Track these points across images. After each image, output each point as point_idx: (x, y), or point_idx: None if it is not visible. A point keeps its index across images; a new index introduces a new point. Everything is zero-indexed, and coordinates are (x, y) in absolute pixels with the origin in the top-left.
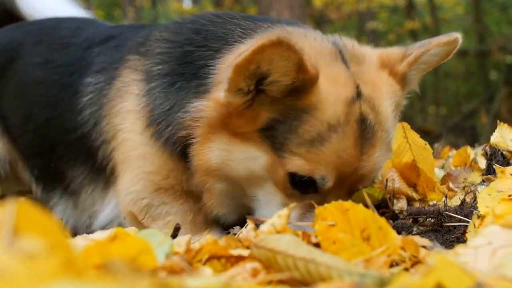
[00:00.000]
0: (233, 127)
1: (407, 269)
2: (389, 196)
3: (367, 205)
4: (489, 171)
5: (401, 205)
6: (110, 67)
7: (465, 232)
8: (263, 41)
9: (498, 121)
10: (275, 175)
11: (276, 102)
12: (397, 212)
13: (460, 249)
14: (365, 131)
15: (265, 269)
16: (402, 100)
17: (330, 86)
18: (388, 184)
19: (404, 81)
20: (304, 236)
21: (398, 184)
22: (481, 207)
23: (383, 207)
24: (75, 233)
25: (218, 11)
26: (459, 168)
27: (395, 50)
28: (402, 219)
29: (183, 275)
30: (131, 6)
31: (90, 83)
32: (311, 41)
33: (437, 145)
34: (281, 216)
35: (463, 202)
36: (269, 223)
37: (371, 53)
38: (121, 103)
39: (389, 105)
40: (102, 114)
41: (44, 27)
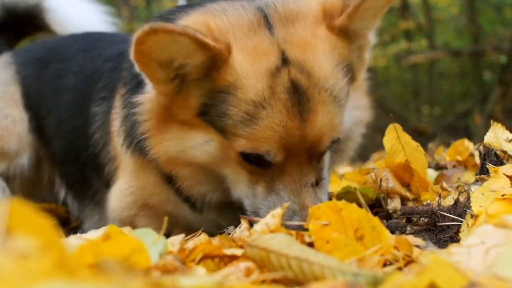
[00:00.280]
0: (176, 116)
1: (400, 269)
2: (383, 195)
3: (360, 205)
4: (483, 170)
5: (394, 204)
6: (110, 95)
7: (458, 231)
8: (139, 33)
9: (491, 121)
10: (230, 155)
11: (199, 85)
12: (390, 211)
13: (453, 248)
14: (299, 98)
15: (258, 268)
16: (351, 52)
17: (246, 60)
18: (382, 183)
19: (346, 34)
20: (297, 235)
21: (391, 184)
22: (475, 207)
23: (377, 206)
24: None
25: None
26: (452, 163)
27: (337, 0)
28: (395, 218)
29: (177, 275)
30: (126, 5)
31: (97, 113)
32: (230, 15)
33: (431, 145)
34: (274, 215)
35: (457, 201)
36: (262, 223)
37: (310, 6)
38: (114, 127)
39: (327, 61)
40: (107, 138)
41: (91, 37)
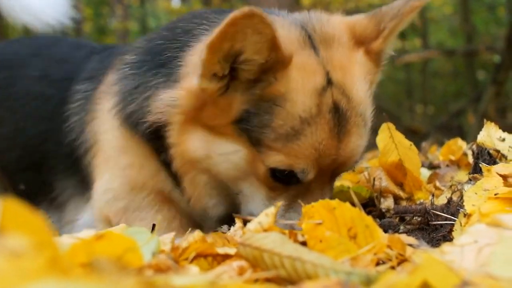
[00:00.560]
0: (207, 120)
1: (393, 268)
2: (376, 194)
3: (354, 204)
4: (476, 170)
5: (388, 203)
6: (99, 73)
7: (451, 230)
8: (236, 14)
9: (485, 120)
10: (256, 169)
11: (248, 90)
12: (384, 210)
13: (446, 247)
14: (339, 119)
15: (251, 267)
16: (376, 76)
17: (299, 75)
18: (375, 183)
19: (379, 58)
20: (290, 234)
21: (385, 183)
22: (468, 206)
23: (370, 205)
24: None
25: (194, 10)
26: (446, 163)
27: (367, 23)
28: (389, 217)
29: (170, 274)
30: (120, 4)
31: (79, 90)
32: (280, 28)
33: (424, 144)
34: (268, 214)
35: (450, 200)
36: (256, 221)
37: (341, 30)
38: (101, 104)
39: (362, 86)
40: (86, 120)
41: (42, 43)
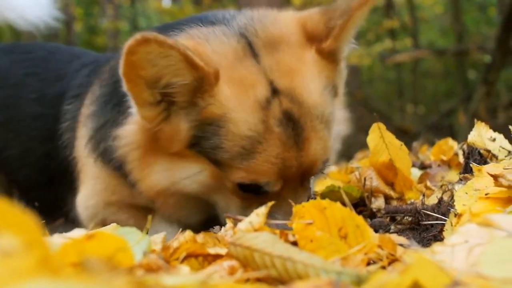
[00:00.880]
0: (165, 149)
1: (384, 267)
2: (367, 194)
3: (344, 204)
4: (466, 169)
5: (378, 203)
6: (82, 91)
7: (442, 230)
8: (130, 42)
9: (475, 120)
10: (224, 184)
11: (188, 115)
12: (374, 210)
13: (437, 247)
14: (293, 128)
15: (242, 267)
16: (336, 73)
17: (233, 92)
18: (366, 182)
19: (334, 56)
20: (281, 234)
21: (375, 182)
22: (458, 206)
23: (361, 205)
24: None
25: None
26: (436, 162)
27: (317, 18)
28: (379, 217)
29: (160, 273)
30: (110, 4)
31: (68, 110)
32: (212, 42)
33: (415, 144)
34: (258, 214)
35: (441, 200)
36: (247, 221)
37: (290, 29)
38: (81, 127)
39: (315, 86)
40: (74, 139)
41: (35, 58)
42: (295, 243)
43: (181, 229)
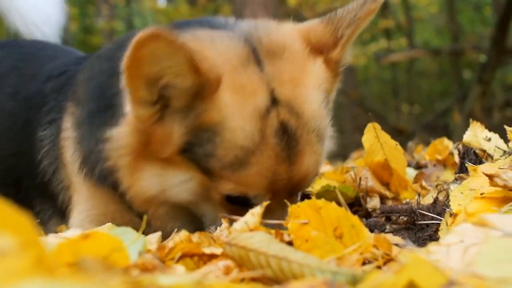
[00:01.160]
0: (155, 153)
1: (379, 267)
2: (362, 194)
3: (340, 204)
4: (462, 169)
5: (374, 203)
6: (57, 117)
7: (437, 230)
8: (141, 36)
9: (471, 120)
10: (212, 194)
11: (184, 119)
12: (370, 210)
13: (432, 247)
14: (288, 141)
15: (237, 267)
16: (335, 85)
17: (234, 99)
18: (361, 182)
19: (338, 66)
20: (276, 234)
21: (371, 182)
22: (454, 205)
23: (356, 205)
24: None
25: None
26: (432, 162)
27: (322, 29)
28: (375, 217)
29: (156, 273)
30: (105, 3)
31: (45, 137)
32: (218, 44)
33: (410, 144)
34: (254, 214)
35: (436, 200)
36: (242, 221)
37: (293, 39)
38: (65, 153)
39: (315, 99)
40: (58, 165)
41: (24, 53)
42: (290, 243)
43: (176, 229)
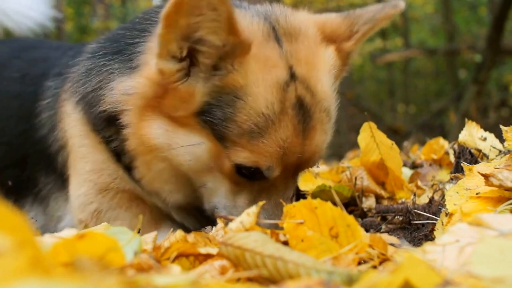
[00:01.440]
0: (169, 110)
1: (375, 267)
2: (357, 194)
3: (335, 203)
4: (457, 169)
5: (369, 203)
6: (67, 70)
7: (433, 230)
8: None
9: (466, 120)
10: (220, 163)
11: (208, 80)
12: (365, 210)
13: (428, 246)
14: (303, 115)
15: (233, 266)
16: (342, 73)
17: (259, 68)
18: (357, 182)
19: (348, 57)
20: (272, 234)
21: (366, 182)
22: (449, 205)
23: (351, 205)
24: None
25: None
26: (428, 162)
27: (339, 22)
28: (370, 217)
29: (152, 273)
30: (101, 3)
31: (50, 87)
32: (243, 19)
33: (406, 143)
34: (249, 213)
35: (431, 200)
36: (237, 221)
37: (308, 25)
38: (66, 105)
39: (327, 81)
40: (56, 119)
41: (25, 45)
42: (286, 243)
43: (172, 229)
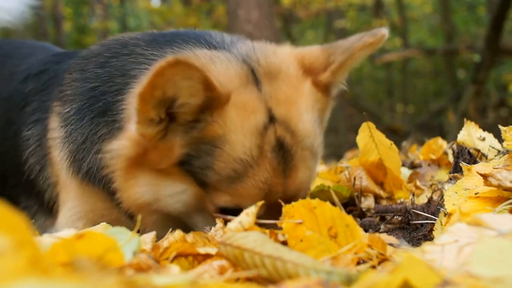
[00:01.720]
0: (152, 164)
1: (374, 267)
2: (356, 194)
3: (334, 203)
4: (456, 169)
5: (368, 203)
6: (42, 117)
7: (432, 229)
8: (161, 64)
9: (465, 120)
10: (206, 206)
11: (187, 132)
12: (364, 210)
13: (427, 246)
14: (283, 156)
15: (232, 266)
16: (328, 105)
17: (238, 115)
18: (355, 182)
19: (328, 89)
20: (271, 234)
21: (365, 182)
22: (448, 205)
23: (350, 205)
24: None
25: (123, 37)
26: (426, 162)
27: (318, 54)
28: (369, 217)
29: (150, 273)
30: (100, 3)
31: (30, 136)
32: (218, 65)
33: (404, 143)
34: (248, 214)
35: (430, 200)
36: (236, 221)
37: (288, 61)
38: (53, 153)
39: (309, 118)
40: (44, 164)
41: (1, 53)
42: (285, 243)
43: (170, 229)
